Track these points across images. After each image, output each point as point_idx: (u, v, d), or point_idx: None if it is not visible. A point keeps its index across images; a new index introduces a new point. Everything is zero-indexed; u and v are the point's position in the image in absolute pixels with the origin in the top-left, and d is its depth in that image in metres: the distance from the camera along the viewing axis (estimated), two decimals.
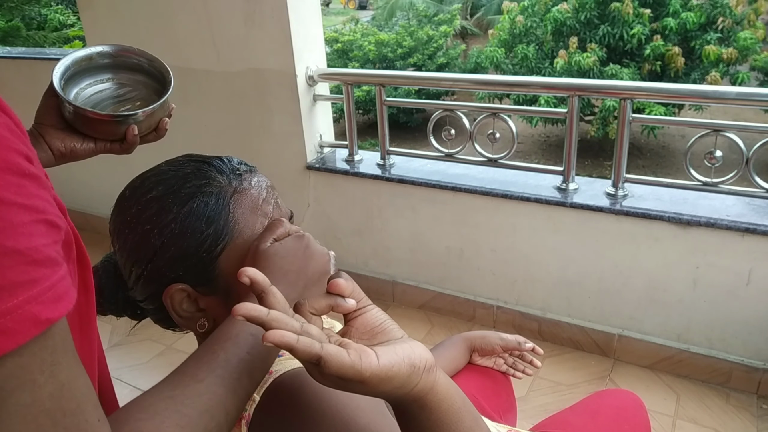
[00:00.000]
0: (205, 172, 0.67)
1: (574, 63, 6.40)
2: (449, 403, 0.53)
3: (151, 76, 0.95)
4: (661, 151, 7.22)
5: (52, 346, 0.39)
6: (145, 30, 2.48)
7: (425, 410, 0.52)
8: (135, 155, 0.94)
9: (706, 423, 1.79)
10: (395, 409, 0.54)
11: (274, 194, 0.71)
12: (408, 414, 0.53)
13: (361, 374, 0.46)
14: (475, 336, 1.17)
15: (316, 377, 0.47)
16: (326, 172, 2.37)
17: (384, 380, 0.48)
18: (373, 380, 0.47)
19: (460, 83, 2.61)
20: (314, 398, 0.59)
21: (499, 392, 1.14)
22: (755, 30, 6.58)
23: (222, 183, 0.66)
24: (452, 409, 0.53)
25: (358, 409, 0.59)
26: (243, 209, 0.66)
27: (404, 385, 0.50)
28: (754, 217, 1.74)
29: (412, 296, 2.40)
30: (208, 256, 0.65)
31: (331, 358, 0.45)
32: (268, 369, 0.59)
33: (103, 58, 0.92)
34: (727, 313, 1.84)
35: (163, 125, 0.91)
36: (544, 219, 2.00)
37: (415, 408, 0.52)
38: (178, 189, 0.65)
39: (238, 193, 0.66)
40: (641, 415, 1.12)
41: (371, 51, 8.11)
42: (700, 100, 1.88)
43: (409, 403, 0.52)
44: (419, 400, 0.51)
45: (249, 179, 0.68)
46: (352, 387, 0.47)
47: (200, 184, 0.65)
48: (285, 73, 2.24)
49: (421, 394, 0.51)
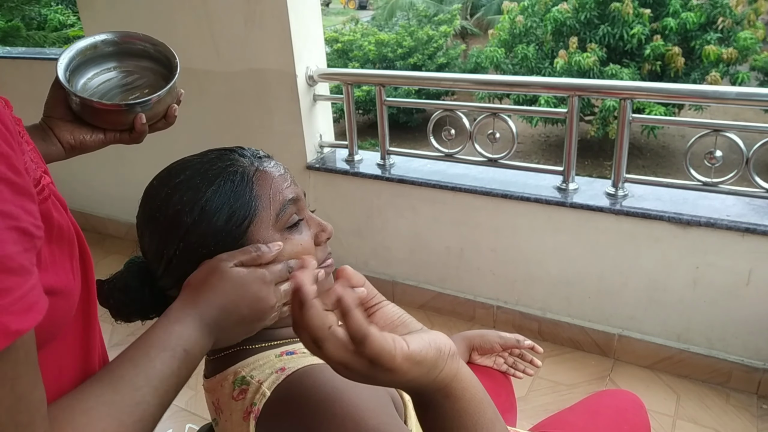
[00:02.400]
0: (228, 156, 0.71)
1: (574, 63, 6.40)
2: (472, 393, 0.53)
3: (157, 61, 0.93)
4: (661, 151, 7.22)
5: (14, 360, 0.38)
6: (145, 30, 2.44)
7: (450, 399, 0.52)
8: (136, 156, 0.94)
9: (706, 423, 1.78)
10: (419, 401, 0.54)
11: (290, 175, 0.74)
12: (432, 405, 0.53)
13: (394, 359, 0.46)
14: (474, 335, 1.17)
15: (345, 366, 0.47)
16: (326, 172, 2.37)
17: (413, 366, 0.48)
18: (403, 366, 0.47)
19: (460, 83, 2.61)
20: (326, 398, 0.59)
21: (499, 392, 1.14)
22: (755, 30, 6.59)
23: (245, 163, 0.70)
24: (475, 399, 0.54)
25: (368, 410, 0.59)
26: (265, 186, 0.69)
27: (431, 371, 0.50)
28: (754, 217, 1.74)
29: (412, 296, 2.40)
30: (237, 229, 0.67)
31: (375, 337, 0.45)
32: (184, 384, 0.59)
33: (108, 45, 0.91)
34: (727, 313, 1.84)
35: (171, 112, 0.90)
36: (544, 219, 2.00)
37: (440, 397, 0.52)
38: (204, 171, 0.69)
39: (259, 172, 0.70)
40: (641, 415, 1.12)
41: (371, 51, 8.11)
42: (700, 100, 1.88)
43: (433, 391, 0.52)
44: (444, 388, 0.52)
45: (268, 162, 0.73)
46: (379, 376, 0.47)
47: (225, 165, 0.70)
48: (285, 73, 2.24)
49: (446, 380, 0.52)
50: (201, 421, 1.87)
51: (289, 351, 0.69)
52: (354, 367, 0.47)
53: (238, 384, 0.66)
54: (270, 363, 0.67)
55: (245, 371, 0.67)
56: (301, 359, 0.67)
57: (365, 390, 0.62)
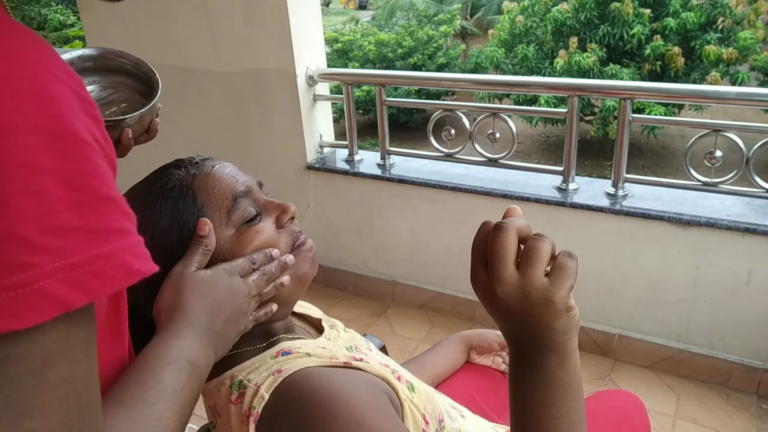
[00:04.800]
0: (163, 173, 0.70)
1: (574, 63, 6.40)
2: (578, 377, 0.56)
3: (135, 77, 0.94)
4: (661, 151, 7.22)
5: (91, 325, 0.36)
6: (145, 30, 2.48)
7: (561, 367, 0.55)
8: (136, 157, 0.94)
9: (706, 423, 1.78)
10: (527, 356, 0.56)
11: (237, 169, 0.73)
12: (542, 365, 0.55)
13: (560, 292, 0.52)
14: (473, 334, 1.17)
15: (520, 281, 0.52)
16: (326, 172, 2.37)
17: (564, 313, 0.53)
18: (560, 307, 0.52)
19: (460, 83, 2.61)
20: (327, 399, 0.59)
21: (497, 391, 1.14)
22: (755, 30, 6.58)
23: (181, 175, 0.69)
24: (578, 383, 0.56)
25: (370, 410, 0.59)
26: (208, 190, 0.68)
27: (567, 331, 0.54)
28: (754, 217, 1.73)
29: (412, 296, 2.40)
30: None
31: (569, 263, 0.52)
32: (197, 398, 0.58)
33: (85, 61, 0.90)
34: (727, 313, 1.84)
35: (154, 126, 0.91)
36: (544, 219, 2.00)
37: (553, 362, 0.55)
38: (144, 197, 0.68)
39: (198, 178, 0.69)
40: (641, 415, 1.12)
41: (371, 51, 8.11)
42: (700, 100, 1.88)
43: (552, 351, 0.54)
44: (563, 353, 0.54)
45: (208, 165, 0.71)
46: (544, 312, 0.52)
47: (162, 184, 0.68)
48: (285, 73, 2.24)
49: (570, 348, 0.55)
50: (201, 421, 1.87)
51: (285, 351, 0.69)
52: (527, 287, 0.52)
53: (235, 388, 0.66)
54: (266, 365, 0.67)
55: (242, 375, 0.67)
56: (298, 360, 0.66)
57: (365, 391, 0.62)
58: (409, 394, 0.72)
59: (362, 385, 0.63)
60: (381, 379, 0.69)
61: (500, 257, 0.52)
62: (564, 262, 0.52)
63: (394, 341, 2.22)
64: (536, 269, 0.52)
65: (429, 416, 0.74)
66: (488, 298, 0.55)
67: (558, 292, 0.51)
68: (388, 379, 0.70)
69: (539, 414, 0.55)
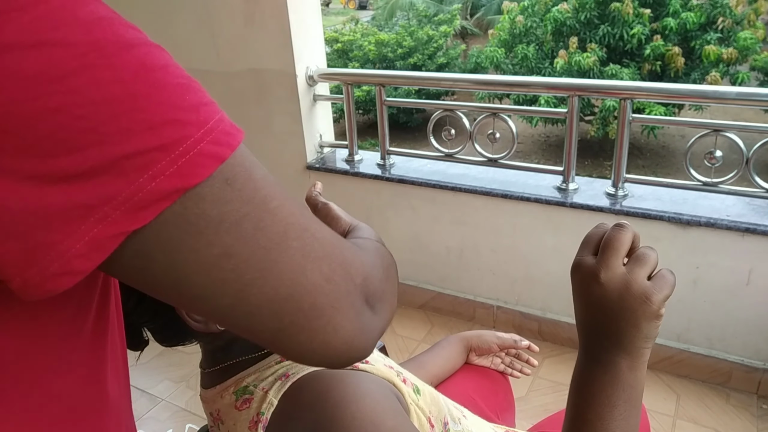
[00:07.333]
0: None
1: (574, 63, 6.40)
2: (642, 388, 0.57)
3: None
4: (661, 151, 7.22)
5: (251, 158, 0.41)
6: (145, 30, 2.44)
7: (632, 371, 0.56)
8: None
9: (706, 423, 1.78)
10: (600, 356, 0.57)
11: None
12: (613, 368, 0.56)
13: (663, 306, 0.55)
14: (472, 335, 1.17)
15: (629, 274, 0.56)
16: (326, 172, 2.37)
17: (656, 318, 0.55)
18: (656, 308, 0.55)
19: (460, 83, 2.61)
20: (343, 399, 0.58)
21: (497, 392, 1.14)
22: (755, 30, 6.58)
23: None
24: (639, 395, 0.57)
25: (384, 411, 0.59)
26: None
27: (648, 339, 0.56)
28: (754, 217, 1.73)
29: (412, 296, 2.40)
30: None
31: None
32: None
33: None
34: (727, 313, 1.84)
35: None
36: (544, 219, 2.00)
37: (624, 365, 0.56)
38: None
39: None
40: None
41: (371, 51, 8.11)
42: (700, 100, 1.88)
43: (625, 356, 0.56)
44: (636, 360, 0.56)
45: None
46: (639, 308, 0.54)
47: None
48: (285, 73, 2.24)
49: (642, 357, 0.56)
50: (201, 421, 1.87)
51: None
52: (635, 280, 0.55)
53: (240, 394, 0.65)
54: (272, 370, 0.67)
55: (247, 380, 0.66)
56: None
57: (377, 392, 0.62)
58: (415, 397, 0.72)
59: (374, 386, 0.63)
60: (387, 382, 0.69)
61: (614, 249, 0.57)
62: (666, 274, 0.58)
63: (393, 341, 2.22)
64: (642, 270, 0.56)
65: (434, 419, 0.74)
66: (588, 284, 0.57)
67: (657, 294, 0.55)
68: (394, 381, 0.69)
69: (602, 413, 0.56)
